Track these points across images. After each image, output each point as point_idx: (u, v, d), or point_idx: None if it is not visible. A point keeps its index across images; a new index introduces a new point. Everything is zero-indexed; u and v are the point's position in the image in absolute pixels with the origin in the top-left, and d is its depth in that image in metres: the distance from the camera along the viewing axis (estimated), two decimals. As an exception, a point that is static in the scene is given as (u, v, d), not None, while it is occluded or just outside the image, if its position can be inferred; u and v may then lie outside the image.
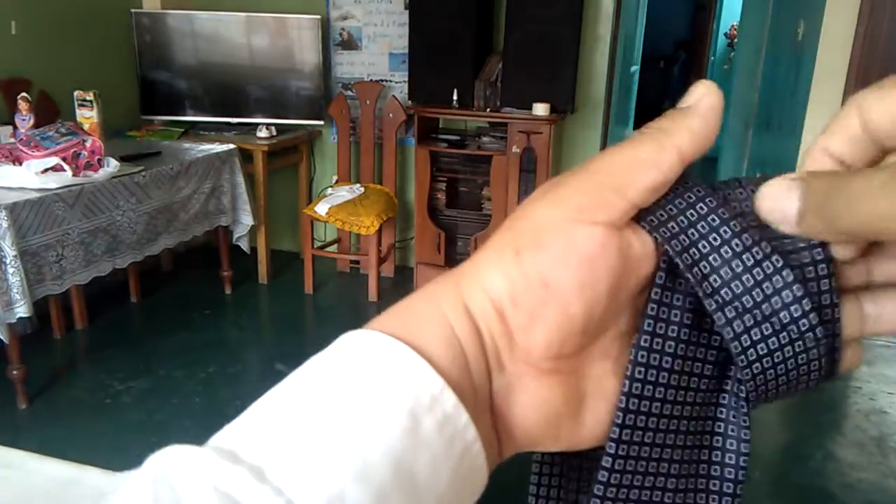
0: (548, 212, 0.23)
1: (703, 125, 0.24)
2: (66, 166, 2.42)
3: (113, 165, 2.60)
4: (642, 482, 0.25)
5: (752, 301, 0.23)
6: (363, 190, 3.49)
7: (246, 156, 3.39)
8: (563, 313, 0.23)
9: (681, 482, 0.26)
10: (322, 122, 3.74)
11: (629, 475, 0.25)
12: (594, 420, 0.25)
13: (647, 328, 0.24)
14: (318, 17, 3.59)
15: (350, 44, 3.76)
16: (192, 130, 3.64)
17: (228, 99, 3.69)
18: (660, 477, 0.26)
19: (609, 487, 0.25)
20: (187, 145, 3.26)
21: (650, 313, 0.24)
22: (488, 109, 3.29)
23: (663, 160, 0.23)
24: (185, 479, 0.19)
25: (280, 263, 3.85)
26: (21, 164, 2.40)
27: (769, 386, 0.24)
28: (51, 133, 2.49)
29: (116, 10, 3.62)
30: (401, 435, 0.20)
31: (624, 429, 0.24)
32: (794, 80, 3.77)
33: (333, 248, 3.81)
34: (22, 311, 2.24)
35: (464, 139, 3.46)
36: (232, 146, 3.28)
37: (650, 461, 0.25)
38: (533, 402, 0.24)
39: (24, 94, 2.79)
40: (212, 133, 3.60)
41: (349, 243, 3.86)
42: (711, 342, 0.25)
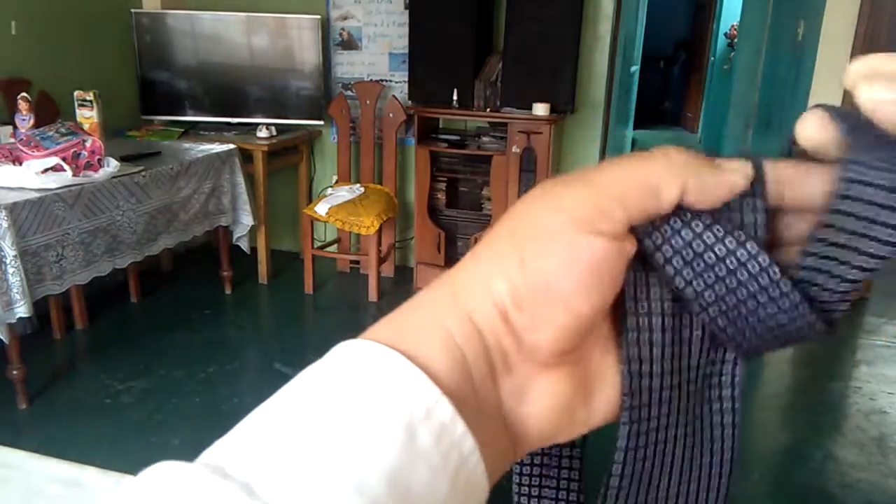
0: (551, 217, 0.23)
1: (718, 188, 0.24)
2: (66, 166, 2.42)
3: (113, 165, 2.60)
4: (655, 446, 0.26)
5: (704, 260, 0.24)
6: (363, 190, 3.49)
7: (246, 156, 3.39)
8: (568, 315, 0.23)
9: (688, 441, 0.27)
10: (322, 122, 3.74)
11: (644, 436, 0.26)
12: (604, 402, 0.26)
13: (630, 309, 0.25)
14: (318, 17, 3.59)
15: (350, 44, 3.76)
16: (192, 130, 3.64)
17: (228, 99, 3.69)
18: (668, 444, 0.26)
19: (629, 452, 0.26)
20: (187, 145, 3.26)
21: (629, 300, 0.25)
22: (488, 109, 3.29)
23: (670, 193, 0.23)
24: (174, 498, 0.19)
25: (280, 263, 3.85)
26: (21, 164, 2.40)
27: (748, 333, 0.25)
28: (51, 133, 2.50)
29: (116, 10, 3.62)
30: (395, 447, 0.20)
31: (633, 399, 0.25)
32: (795, 79, 3.77)
33: (333, 248, 3.81)
34: (22, 311, 2.24)
35: (464, 139, 3.46)
36: (232, 146, 3.28)
37: (660, 430, 0.26)
38: (547, 398, 0.24)
39: (24, 94, 2.80)
40: (212, 133, 3.60)
41: (349, 243, 3.86)
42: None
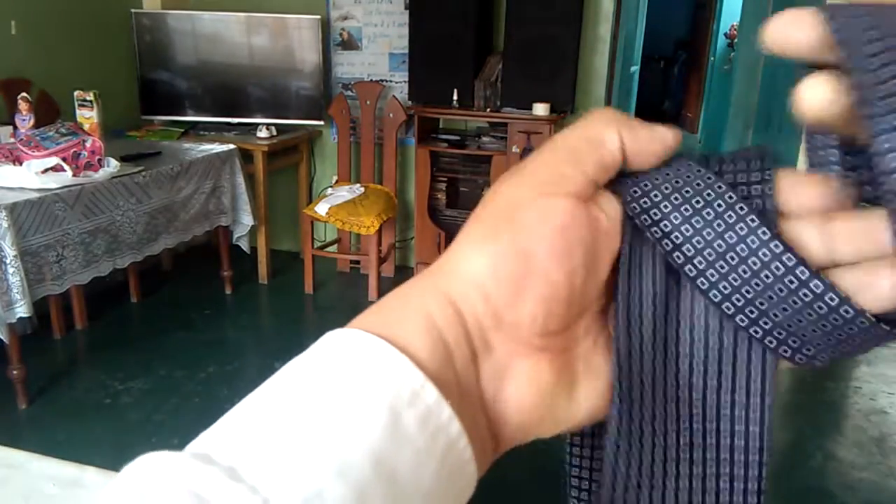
0: (515, 191, 0.24)
1: (650, 139, 0.25)
2: (66, 166, 2.42)
3: (113, 165, 2.60)
4: (653, 439, 0.25)
5: (717, 249, 0.23)
6: (363, 190, 3.49)
7: (246, 156, 3.39)
8: (545, 283, 0.23)
9: (695, 439, 0.25)
10: (322, 122, 3.74)
11: (637, 431, 0.25)
12: (587, 398, 0.26)
13: (623, 290, 0.25)
14: (318, 17, 3.59)
15: (350, 44, 3.76)
16: (192, 130, 3.64)
17: (228, 99, 3.69)
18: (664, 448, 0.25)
19: (619, 454, 0.25)
20: (187, 145, 3.26)
21: (622, 280, 0.25)
22: (488, 109, 3.29)
23: (611, 141, 0.25)
24: (159, 485, 0.19)
25: (280, 263, 3.85)
26: (21, 164, 2.40)
27: (780, 333, 0.23)
28: (51, 133, 2.50)
29: (116, 10, 3.62)
30: (380, 431, 0.20)
31: (622, 396, 0.25)
32: (794, 80, 3.77)
33: (333, 248, 3.81)
34: (22, 311, 2.24)
35: (464, 139, 3.46)
36: (232, 146, 3.28)
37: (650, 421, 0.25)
38: (527, 381, 0.24)
39: (24, 94, 2.79)
40: (212, 133, 3.60)
41: (349, 243, 3.86)
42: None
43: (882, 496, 2.16)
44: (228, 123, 3.69)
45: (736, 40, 6.68)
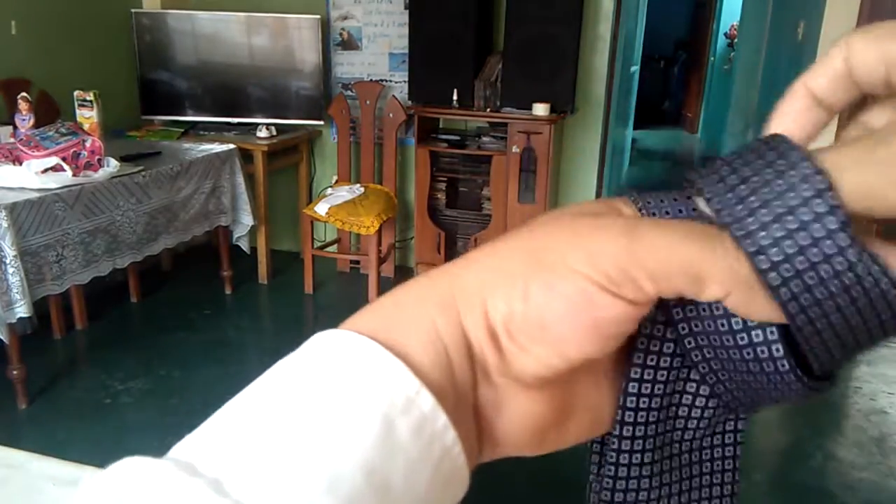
0: (574, 257, 0.21)
1: (757, 313, 0.21)
2: (66, 166, 2.42)
3: (113, 165, 2.60)
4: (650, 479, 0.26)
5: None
6: (363, 190, 3.48)
7: (246, 156, 3.39)
8: (556, 356, 0.22)
9: (684, 486, 0.27)
10: (322, 122, 3.74)
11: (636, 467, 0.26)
12: (577, 427, 0.26)
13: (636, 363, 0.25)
14: (318, 17, 3.59)
15: (350, 44, 3.76)
16: (192, 130, 3.64)
17: (228, 99, 3.69)
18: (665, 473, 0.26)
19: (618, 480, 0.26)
20: (187, 145, 3.26)
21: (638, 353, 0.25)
22: (488, 109, 3.29)
23: (711, 293, 0.21)
24: (139, 495, 0.18)
25: (280, 263, 3.85)
26: (21, 164, 2.40)
27: (746, 399, 0.24)
28: (51, 133, 2.50)
29: (116, 11, 3.62)
30: (373, 440, 0.19)
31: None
32: (794, 80, 3.77)
33: (333, 248, 3.81)
34: (22, 311, 2.24)
35: (464, 139, 3.46)
36: (232, 146, 3.28)
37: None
38: (521, 415, 0.24)
39: (24, 94, 2.79)
40: (212, 133, 3.60)
41: (349, 243, 3.86)
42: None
43: (882, 496, 2.16)
44: (228, 123, 3.69)
45: (736, 40, 6.68)
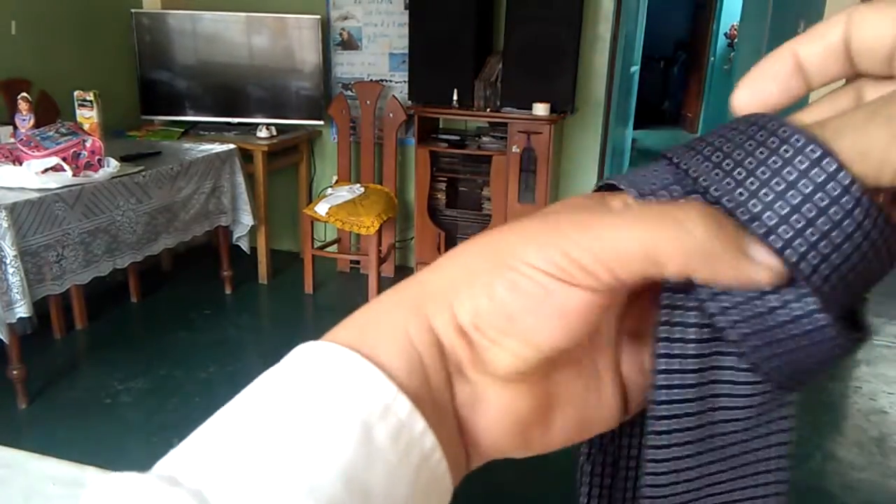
0: (532, 256, 0.21)
1: (732, 278, 0.21)
2: (66, 166, 2.42)
3: (113, 165, 2.60)
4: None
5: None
6: (363, 190, 3.49)
7: (246, 156, 3.39)
8: (527, 348, 0.22)
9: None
10: (322, 122, 3.74)
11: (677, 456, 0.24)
12: (564, 424, 0.25)
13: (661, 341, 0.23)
14: (318, 17, 3.59)
15: (350, 44, 3.76)
16: (192, 130, 3.64)
17: (228, 99, 3.69)
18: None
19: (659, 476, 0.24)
20: (187, 145, 3.26)
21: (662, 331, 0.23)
22: (488, 109, 3.29)
23: (671, 270, 0.21)
24: None
25: (280, 263, 3.85)
26: (21, 164, 2.40)
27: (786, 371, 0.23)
28: (51, 133, 2.50)
29: (116, 10, 3.62)
30: (352, 447, 0.20)
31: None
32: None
33: (333, 248, 3.81)
34: (22, 311, 2.24)
35: (464, 139, 3.46)
36: (232, 146, 3.28)
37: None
38: (500, 411, 0.23)
39: (24, 94, 2.79)
40: (212, 133, 3.60)
41: (349, 243, 3.86)
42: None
43: (882, 496, 2.16)
44: (228, 123, 3.69)
45: (736, 40, 6.68)
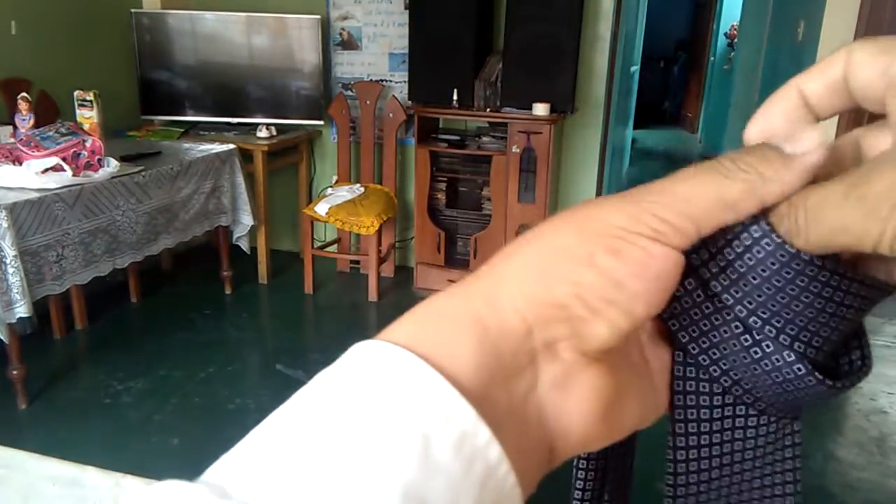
0: (626, 222, 0.23)
1: (794, 183, 0.23)
2: (66, 166, 2.42)
3: (113, 165, 2.60)
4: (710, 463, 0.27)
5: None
6: (363, 190, 3.49)
7: (246, 156, 3.39)
8: (625, 316, 0.23)
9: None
10: (322, 122, 3.74)
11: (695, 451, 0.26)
12: (631, 409, 0.26)
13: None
14: (318, 17, 3.59)
15: (350, 44, 3.76)
16: (192, 130, 3.64)
17: (228, 99, 3.69)
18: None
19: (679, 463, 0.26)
20: (187, 145, 3.26)
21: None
22: (488, 109, 3.29)
23: (743, 209, 0.23)
24: None
25: (280, 263, 3.85)
26: (21, 164, 2.40)
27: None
28: (51, 133, 2.50)
29: (116, 10, 3.62)
30: (410, 459, 0.19)
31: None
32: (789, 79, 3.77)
33: (333, 248, 3.81)
34: (22, 311, 2.24)
35: (464, 139, 3.46)
36: (232, 146, 3.28)
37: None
38: (593, 391, 0.24)
39: (24, 94, 2.80)
40: (212, 133, 3.60)
41: (349, 243, 3.86)
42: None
43: (882, 496, 2.16)
44: (228, 123, 3.69)
45: (736, 40, 6.68)
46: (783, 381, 0.24)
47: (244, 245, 3.42)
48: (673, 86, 8.72)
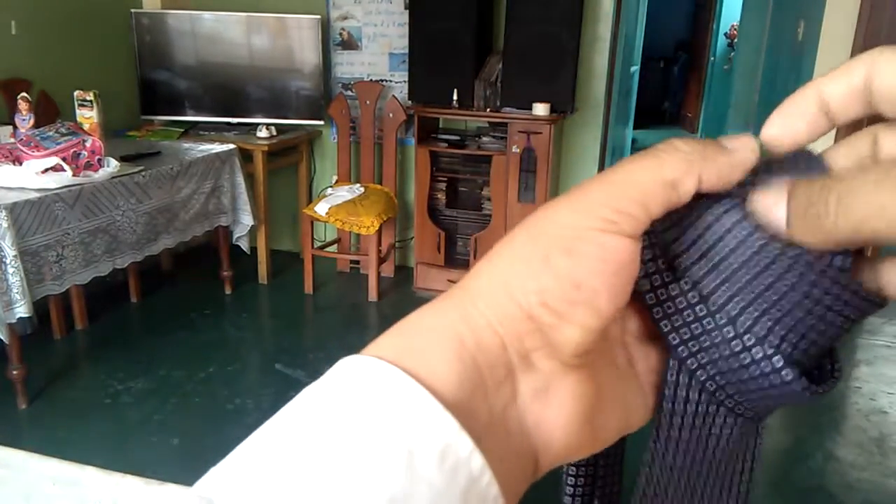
0: (575, 220, 0.23)
1: (731, 169, 0.24)
2: (66, 166, 2.42)
3: (113, 165, 2.60)
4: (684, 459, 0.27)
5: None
6: (363, 190, 3.49)
7: (246, 156, 3.39)
8: (593, 314, 0.23)
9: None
10: (322, 122, 3.74)
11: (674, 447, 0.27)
12: (615, 414, 0.26)
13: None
14: (318, 17, 3.59)
15: (350, 44, 3.76)
16: (192, 130, 3.64)
17: (228, 99, 3.69)
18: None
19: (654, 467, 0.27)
20: (187, 145, 3.26)
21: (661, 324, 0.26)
22: (488, 109, 3.29)
23: (686, 188, 0.24)
24: None
25: (280, 263, 3.85)
26: (21, 164, 2.40)
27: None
28: (51, 133, 2.50)
29: (116, 10, 3.62)
30: (395, 473, 0.19)
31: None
32: (794, 80, 3.77)
33: (333, 248, 3.81)
34: (22, 311, 2.24)
35: (464, 139, 3.46)
36: (232, 146, 3.28)
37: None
38: (572, 399, 0.24)
39: (24, 94, 2.79)
40: (212, 133, 3.60)
41: (349, 243, 3.86)
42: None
43: (882, 496, 2.16)
44: (228, 123, 3.69)
45: (736, 40, 6.68)
46: (769, 386, 0.24)
47: (244, 245, 3.42)
48: (673, 86, 8.71)
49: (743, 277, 0.24)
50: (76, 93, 2.92)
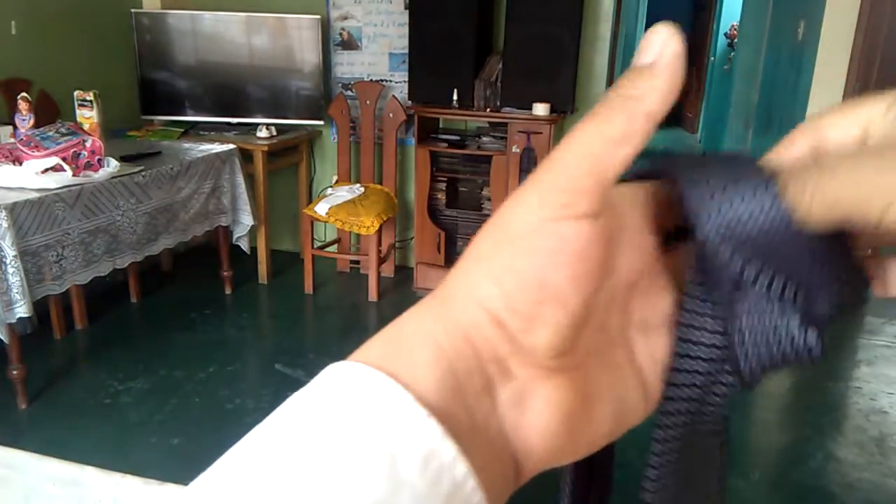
0: (529, 215, 0.22)
1: (670, 82, 0.22)
2: (66, 166, 2.42)
3: (113, 165, 2.60)
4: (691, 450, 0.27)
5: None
6: (363, 190, 3.49)
7: (246, 156, 3.39)
8: (561, 310, 0.22)
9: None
10: (322, 122, 3.74)
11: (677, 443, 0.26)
12: (603, 416, 0.25)
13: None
14: (318, 17, 3.60)
15: (350, 44, 3.76)
16: (192, 130, 3.64)
17: (228, 99, 3.69)
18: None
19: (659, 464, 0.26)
20: (187, 145, 3.26)
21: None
22: (488, 109, 3.29)
23: (636, 132, 0.22)
24: None
25: (280, 263, 3.85)
26: (21, 164, 2.40)
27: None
28: (51, 133, 2.50)
29: (116, 10, 3.62)
30: (378, 478, 0.19)
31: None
32: (794, 80, 3.77)
33: (333, 248, 3.81)
34: (22, 311, 2.24)
35: (464, 139, 3.46)
36: (232, 146, 3.28)
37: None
38: (549, 405, 0.23)
39: (24, 94, 2.79)
40: (212, 133, 3.60)
41: (349, 243, 3.86)
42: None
43: (882, 496, 2.16)
44: (228, 123, 3.69)
45: (736, 40, 6.68)
46: (784, 350, 0.23)
47: (244, 245, 3.42)
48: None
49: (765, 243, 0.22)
50: (76, 93, 2.92)
